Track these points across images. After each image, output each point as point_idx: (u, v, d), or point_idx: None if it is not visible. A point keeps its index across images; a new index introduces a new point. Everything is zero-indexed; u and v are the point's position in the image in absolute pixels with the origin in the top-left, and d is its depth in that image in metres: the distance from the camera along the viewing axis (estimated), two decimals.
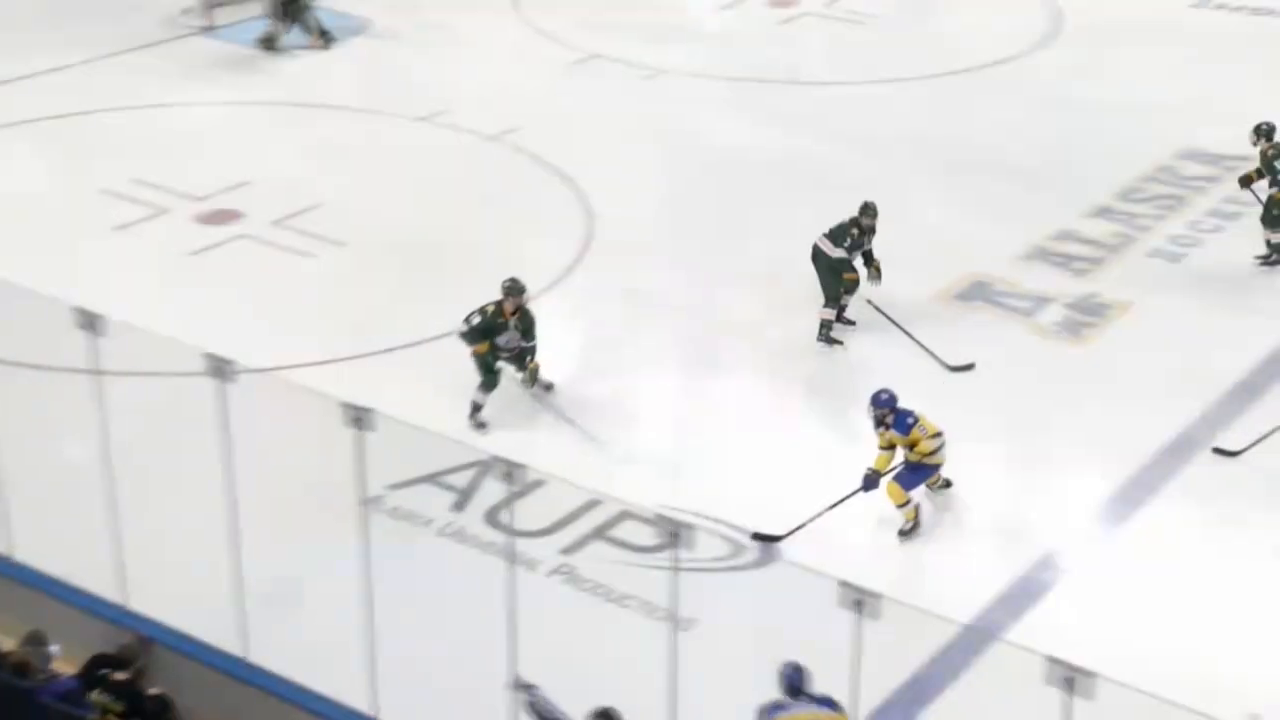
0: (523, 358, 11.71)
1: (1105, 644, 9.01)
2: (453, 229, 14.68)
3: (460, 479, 10.85)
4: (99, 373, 9.10)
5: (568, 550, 10.28)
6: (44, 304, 10.01)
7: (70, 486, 10.17)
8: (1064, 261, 14.29)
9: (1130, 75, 18.67)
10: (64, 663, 8.70)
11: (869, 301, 12.96)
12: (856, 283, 12.80)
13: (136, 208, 15.02)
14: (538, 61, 19.23)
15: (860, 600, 6.96)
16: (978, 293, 13.71)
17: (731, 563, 10.11)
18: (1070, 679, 6.42)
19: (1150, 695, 7.34)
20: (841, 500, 10.38)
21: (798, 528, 10.26)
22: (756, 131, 17.21)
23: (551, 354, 12.77)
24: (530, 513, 10.05)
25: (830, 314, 12.81)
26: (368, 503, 8.53)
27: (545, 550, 10.18)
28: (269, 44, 19.15)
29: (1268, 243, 14.06)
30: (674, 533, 7.59)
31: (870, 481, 10.43)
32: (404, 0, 21.18)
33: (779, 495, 10.78)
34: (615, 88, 18.46)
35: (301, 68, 18.94)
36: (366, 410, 8.12)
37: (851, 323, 12.97)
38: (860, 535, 10.43)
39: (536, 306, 12.25)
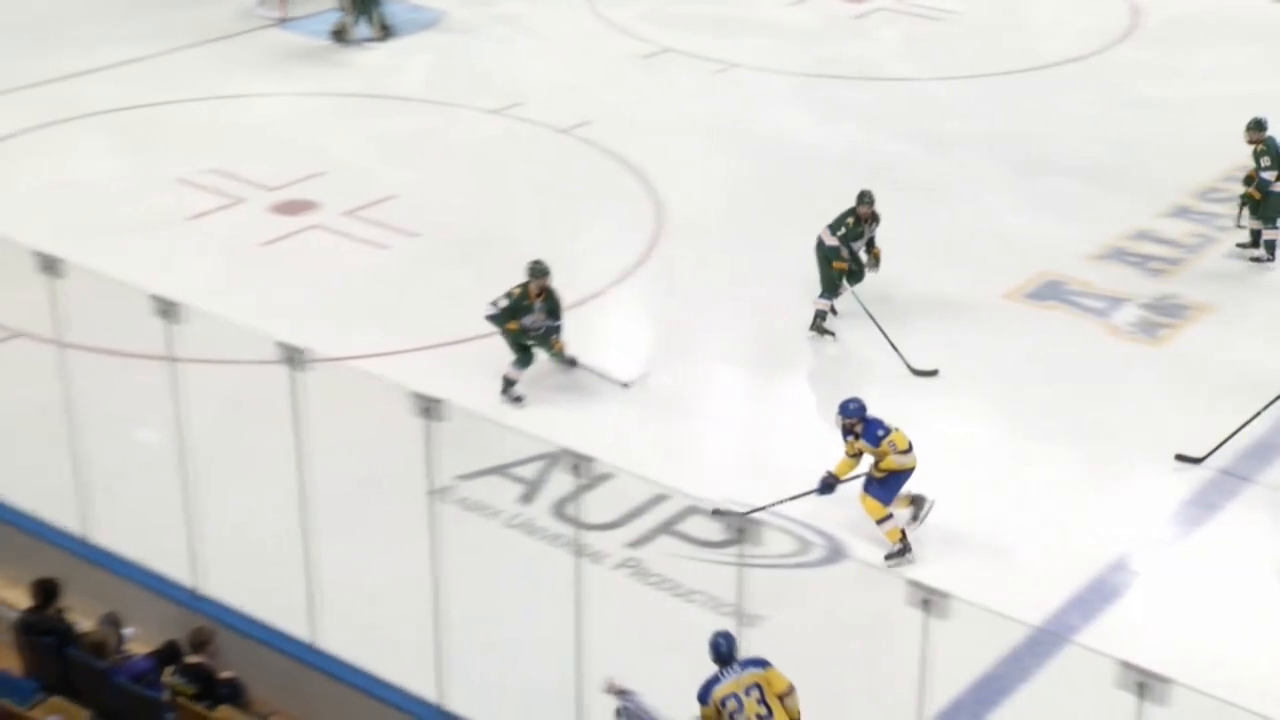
0: (547, 337, 11.83)
1: (1178, 648, 8.91)
2: (523, 221, 14.72)
3: (529, 471, 10.89)
4: (175, 359, 9.22)
5: (634, 544, 10.28)
6: (122, 291, 10.14)
7: (146, 471, 10.31)
8: (1140, 262, 14.11)
9: (1209, 72, 18.41)
10: (138, 644, 8.82)
11: (852, 292, 12.81)
12: (844, 272, 12.63)
13: (212, 197, 15.19)
14: (610, 55, 19.24)
15: (928, 599, 6.90)
16: (1051, 292, 13.56)
17: (799, 559, 10.07)
18: (1143, 684, 6.33)
19: (1224, 701, 7.24)
20: (795, 497, 10.18)
21: (759, 509, 10.11)
22: (827, 127, 17.13)
23: (620, 347, 12.80)
24: (598, 506, 10.05)
25: (825, 304, 12.76)
26: (436, 493, 8.57)
27: (612, 543, 10.19)
28: (340, 36, 19.30)
29: (1252, 233, 13.99)
30: (741, 528, 7.57)
31: (826, 485, 10.17)
32: None
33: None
34: (686, 82, 18.44)
35: (375, 60, 19.08)
36: (437, 401, 8.16)
37: (834, 313, 12.78)
38: (929, 532, 10.34)
39: (605, 300, 12.30)
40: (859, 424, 10.13)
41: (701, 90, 18.17)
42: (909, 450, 10.09)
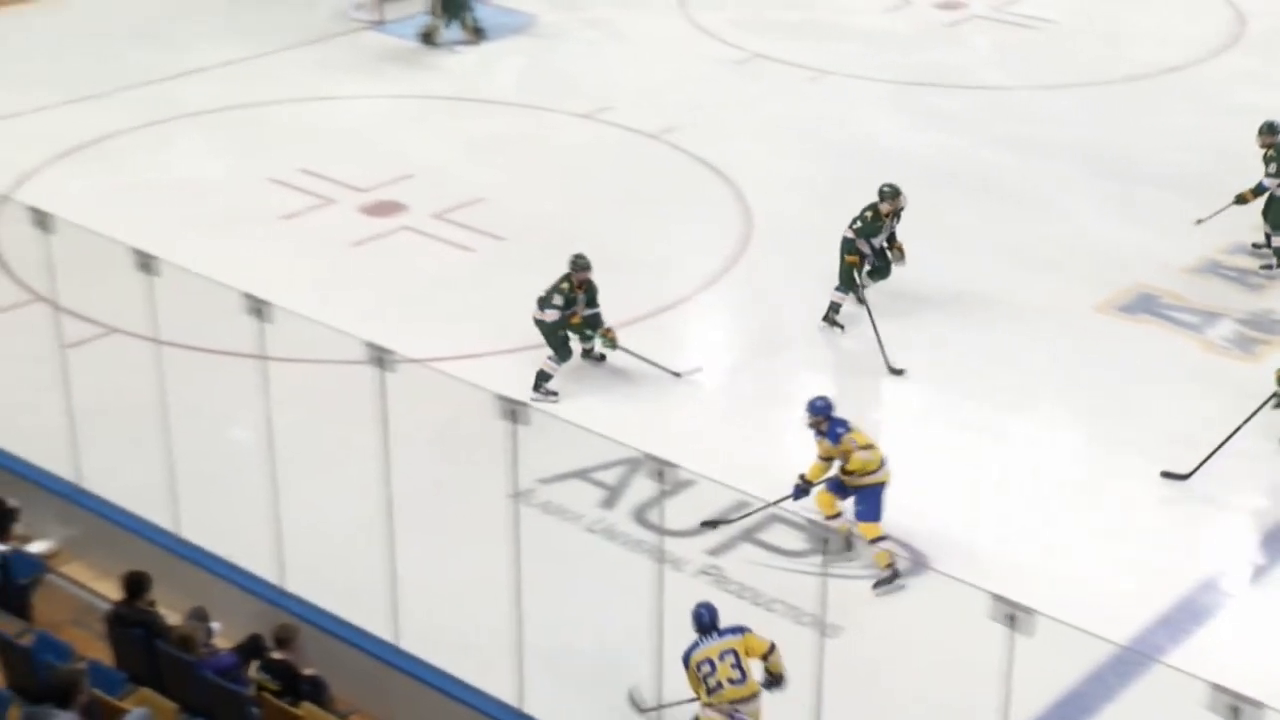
0: (582, 329, 12.00)
1: (1270, 671, 8.70)
2: (610, 226, 14.74)
3: (610, 476, 10.90)
4: (265, 358, 9.34)
5: (715, 551, 10.25)
6: (214, 289, 10.29)
7: (235, 468, 10.45)
8: (1238, 276, 13.83)
9: None
10: (224, 639, 8.94)
11: (859, 288, 12.83)
12: (856, 266, 12.72)
13: (303, 197, 15.38)
14: (700, 60, 19.23)
15: (1013, 615, 6.81)
16: (1143, 305, 13.34)
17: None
18: (1236, 708, 6.20)
19: None
20: (772, 504, 10.02)
21: (731, 520, 10.03)
22: (918, 134, 16.99)
23: (706, 352, 12.77)
24: (679, 512, 10.06)
25: (841, 297, 12.83)
26: (519, 496, 8.61)
27: (693, 550, 10.17)
28: (428, 39, 19.47)
29: (1267, 237, 13.80)
30: (824, 538, 7.53)
31: (800, 490, 10.01)
32: None
33: (926, 504, 10.63)
34: (777, 88, 18.37)
35: (466, 63, 19.21)
36: (521, 404, 8.19)
37: (863, 301, 12.87)
38: (1014, 547, 10.22)
39: (692, 305, 12.25)
40: (824, 422, 10.00)
41: (792, 96, 18.09)
42: (870, 447, 9.89)
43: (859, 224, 12.73)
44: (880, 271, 12.93)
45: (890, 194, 12.74)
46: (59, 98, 17.40)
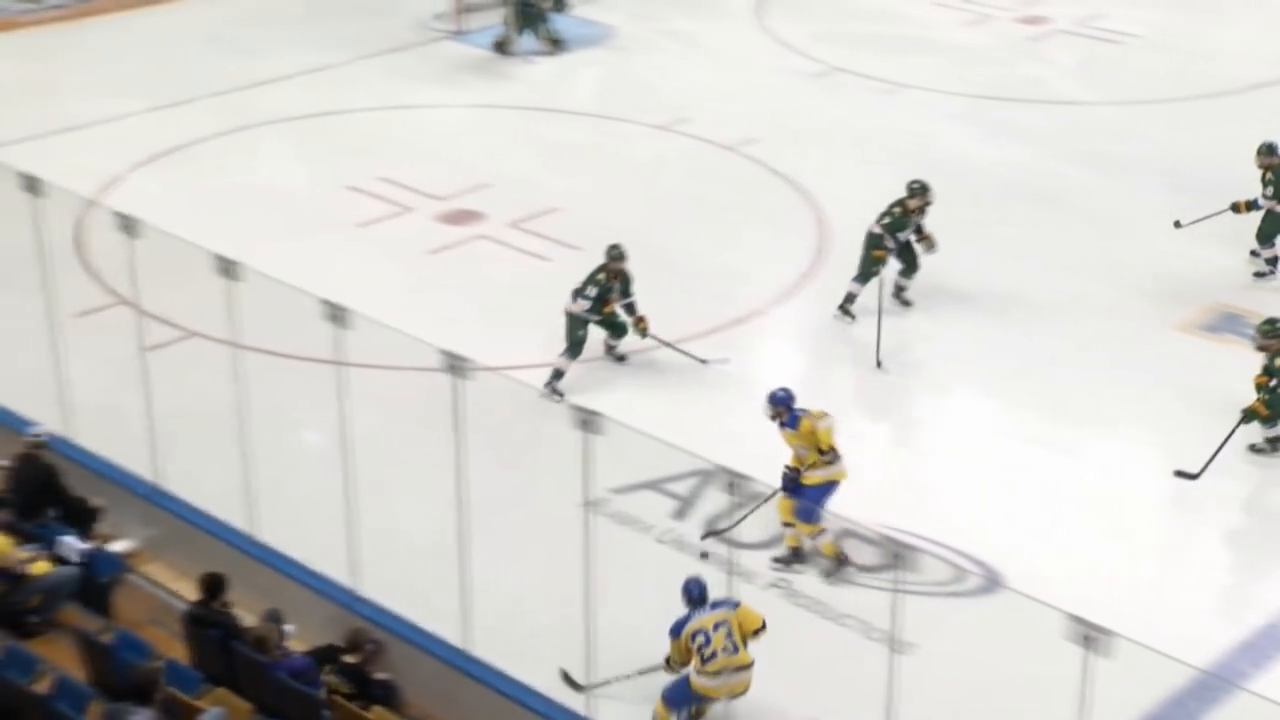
0: (614, 320, 12.22)
1: None
2: (686, 237, 14.75)
3: (682, 487, 10.89)
4: (342, 364, 9.42)
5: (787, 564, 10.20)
6: (293, 295, 10.41)
7: (310, 473, 10.55)
8: None
9: None
10: (298, 641, 9.03)
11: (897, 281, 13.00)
12: (882, 261, 12.85)
13: (382, 205, 15.52)
14: (778, 72, 19.21)
15: (1090, 636, 6.72)
16: (1226, 325, 13.14)
17: (954, 588, 9.90)
18: None
19: None
20: (764, 501, 9.95)
21: (719, 531, 9.94)
22: (998, 149, 16.86)
23: (778, 367, 12.73)
24: (751, 524, 10.02)
25: (857, 288, 12.98)
26: (590, 505, 8.62)
27: (764, 563, 10.13)
28: (502, 48, 19.62)
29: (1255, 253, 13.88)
30: (897, 554, 7.47)
31: (788, 479, 10.02)
32: (649, 8, 21.44)
33: (1001, 521, 10.53)
34: (854, 101, 18.32)
35: (546, 73, 19.31)
36: (594, 413, 8.20)
37: (908, 303, 13.29)
38: (1093, 564, 10.09)
39: (766, 318, 12.20)
40: (785, 413, 10.02)
41: (870, 110, 18.02)
42: (826, 415, 9.94)
43: (887, 219, 12.95)
44: (909, 267, 13.22)
45: (918, 190, 12.99)
46: (145, 104, 17.69)
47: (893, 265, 13.29)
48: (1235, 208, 13.81)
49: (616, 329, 12.36)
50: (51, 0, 20.43)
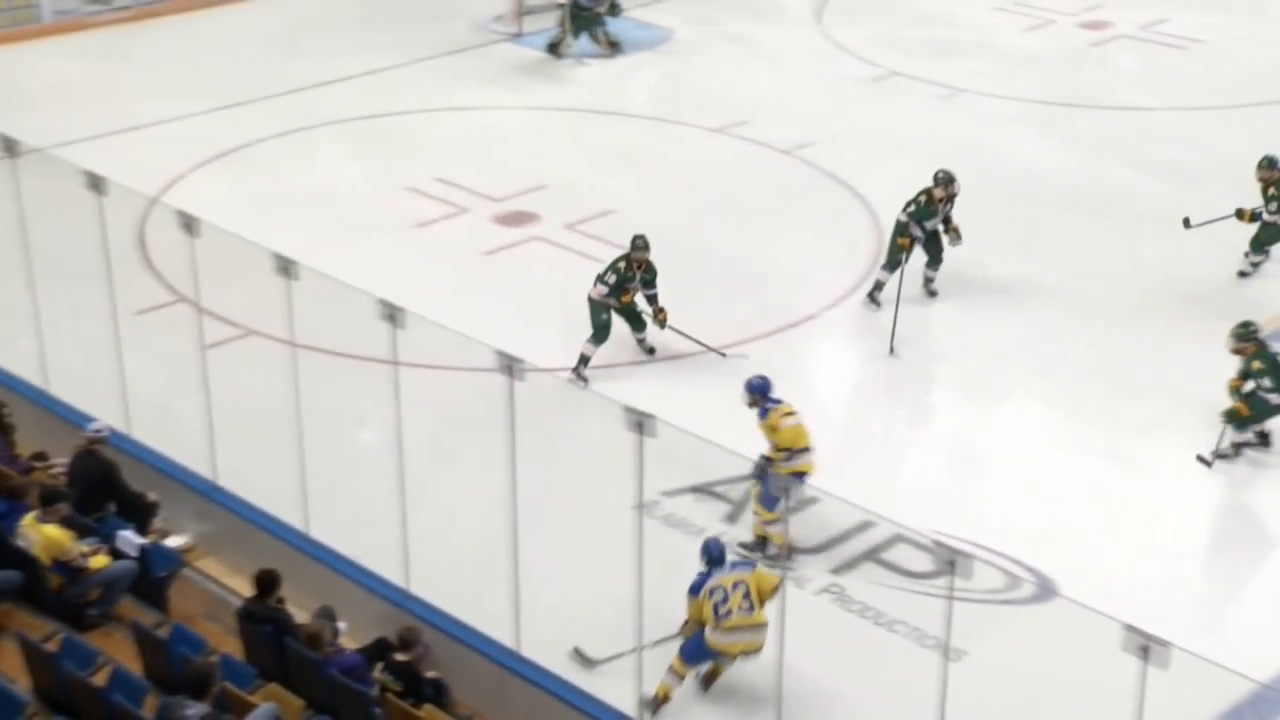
0: (633, 310, 12.40)
1: None
2: (740, 240, 14.73)
3: (735, 491, 10.86)
4: (397, 363, 9.47)
5: (838, 570, 10.17)
6: (350, 294, 10.48)
7: (364, 471, 10.62)
8: None
9: None
10: (349, 638, 9.08)
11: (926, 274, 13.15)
12: (906, 248, 13.08)
13: (438, 206, 15.59)
14: (836, 76, 19.14)
15: (1147, 647, 6.64)
16: None
17: (1007, 596, 9.81)
18: None
19: None
20: (750, 476, 10.07)
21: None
22: (1057, 154, 16.73)
23: (832, 372, 12.69)
24: (802, 529, 9.99)
25: (885, 275, 13.20)
26: (642, 508, 8.62)
27: (816, 569, 10.10)
28: (554, 50, 19.68)
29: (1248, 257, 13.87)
30: (950, 560, 7.42)
31: (760, 468, 10.00)
32: (707, 12, 21.42)
33: (1057, 528, 10.44)
34: (913, 105, 18.22)
35: (602, 76, 19.34)
36: (648, 416, 8.20)
37: (934, 293, 13.48)
38: (1148, 573, 9.99)
39: (820, 322, 12.14)
40: (759, 401, 10.10)
41: (928, 115, 17.92)
42: (791, 413, 9.99)
43: (913, 207, 13.15)
44: (935, 258, 13.38)
45: (944, 180, 13.19)
46: (208, 104, 17.88)
47: (920, 256, 13.35)
48: (1239, 214, 13.72)
49: (635, 320, 12.48)
50: (120, 1, 20.68)
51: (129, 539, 9.59)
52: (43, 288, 11.52)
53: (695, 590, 8.78)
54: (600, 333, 12.28)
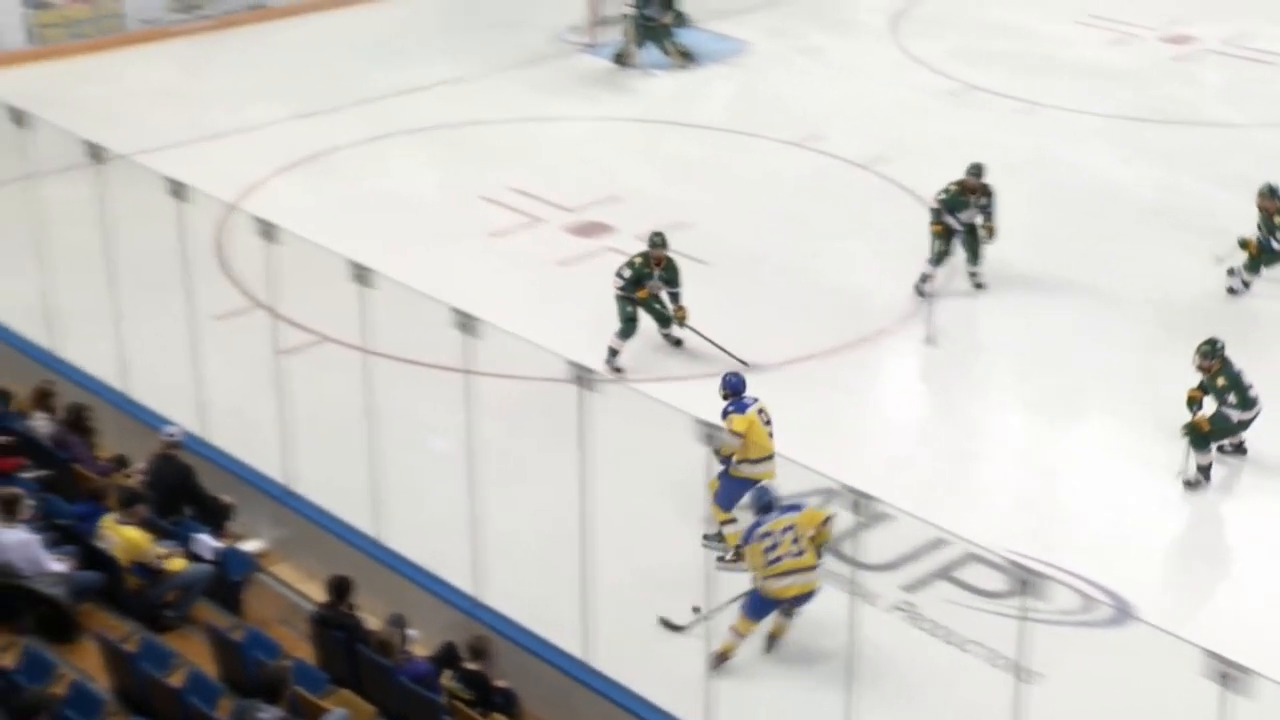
0: (651, 304, 12.63)
1: None
2: (814, 254, 14.66)
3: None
4: (470, 372, 9.51)
5: (910, 587, 10.09)
6: (424, 303, 10.54)
7: (436, 478, 10.67)
8: None
9: None
10: (420, 646, 9.12)
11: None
12: (940, 236, 13.51)
13: (513, 216, 15.65)
14: (913, 90, 19.03)
15: (1227, 674, 6.52)
16: None
17: (1084, 617, 9.69)
18: None
19: None
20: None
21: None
22: (1137, 170, 16.53)
23: (901, 386, 12.60)
24: (875, 545, 9.91)
25: (930, 269, 13.56)
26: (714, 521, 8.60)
27: (887, 585, 10.02)
28: (621, 60, 19.72)
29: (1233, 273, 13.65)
30: (1024, 580, 7.33)
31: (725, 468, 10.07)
32: (784, 24, 21.38)
33: (1136, 551, 10.29)
34: (990, 119, 18.07)
35: (678, 87, 19.34)
36: (719, 428, 8.18)
37: (981, 285, 13.84)
38: (1231, 603, 9.81)
39: (892, 336, 12.06)
40: (730, 398, 10.24)
41: (1005, 129, 17.76)
42: (748, 421, 9.97)
43: (943, 195, 13.58)
44: (973, 252, 13.74)
45: (973, 172, 13.59)
46: (287, 112, 18.08)
47: (961, 253, 13.67)
48: (1243, 245, 13.52)
49: (658, 315, 12.71)
50: (204, 10, 20.98)
51: (205, 542, 9.70)
52: (124, 292, 11.69)
53: (747, 539, 9.07)
54: (627, 326, 12.55)
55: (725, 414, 10.12)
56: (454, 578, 9.72)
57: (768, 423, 10.15)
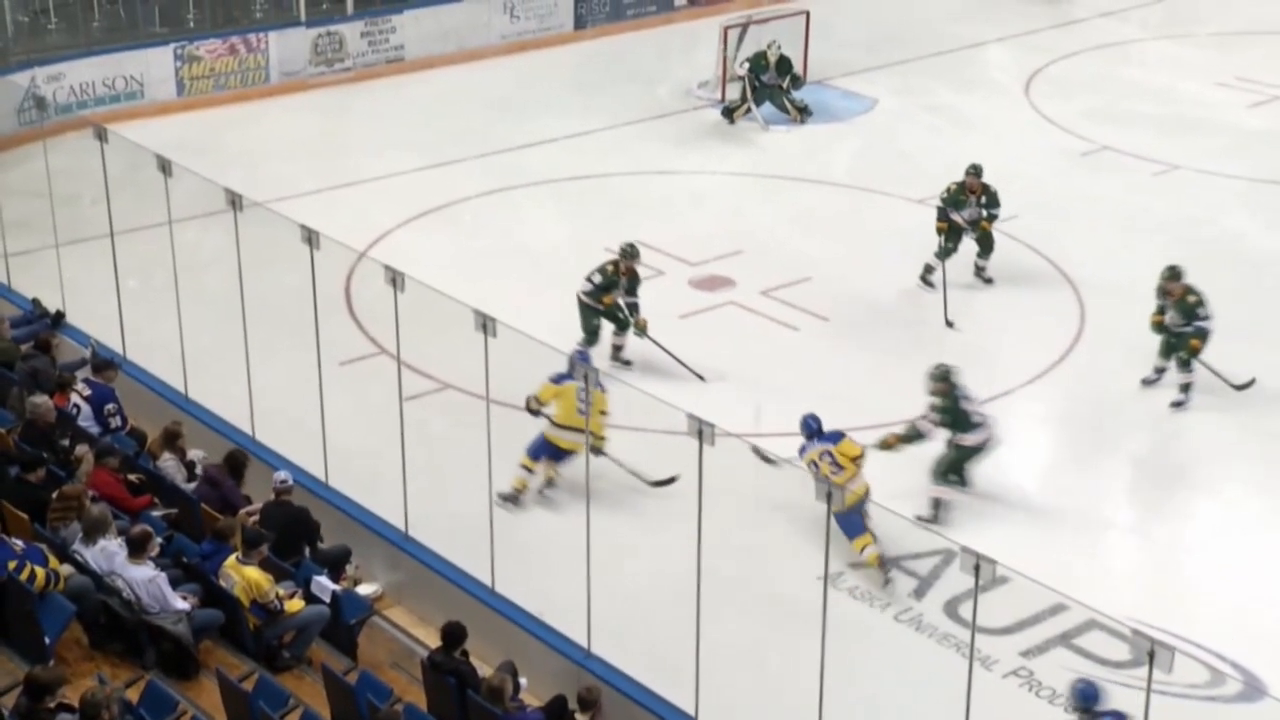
0: (614, 313, 13.28)
1: None
2: (937, 313, 14.50)
3: (923, 565, 10.66)
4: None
5: (1028, 653, 9.88)
6: (546, 353, 10.62)
7: (551, 528, 10.71)
8: None
9: None
10: (530, 695, 9.13)
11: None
12: (941, 232, 14.43)
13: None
14: (1045, 150, 18.80)
15: None
16: None
17: (1212, 691, 9.39)
18: None
19: None
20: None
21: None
22: (1276, 235, 16.10)
23: (1026, 449, 12.38)
24: (992, 609, 9.71)
25: (935, 262, 14.47)
26: (829, 578, 8.50)
27: (1005, 650, 9.82)
28: (729, 114, 19.79)
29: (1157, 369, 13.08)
30: (1150, 651, 7.13)
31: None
32: (915, 81, 21.29)
33: (1262, 621, 9.96)
34: (1124, 181, 17.78)
35: (804, 142, 19.33)
36: (837, 487, 8.10)
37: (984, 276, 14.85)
38: None
39: (1016, 397, 11.89)
40: (572, 366, 10.91)
41: (1140, 190, 17.47)
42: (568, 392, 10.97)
43: (945, 194, 14.57)
44: (984, 246, 14.70)
45: (973, 172, 14.52)
46: (420, 162, 18.40)
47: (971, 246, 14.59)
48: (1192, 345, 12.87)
49: (616, 322, 13.31)
50: (344, 63, 21.49)
51: (323, 584, 9.81)
52: (256, 335, 11.94)
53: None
54: (591, 337, 13.20)
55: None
56: (566, 628, 9.71)
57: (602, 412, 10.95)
